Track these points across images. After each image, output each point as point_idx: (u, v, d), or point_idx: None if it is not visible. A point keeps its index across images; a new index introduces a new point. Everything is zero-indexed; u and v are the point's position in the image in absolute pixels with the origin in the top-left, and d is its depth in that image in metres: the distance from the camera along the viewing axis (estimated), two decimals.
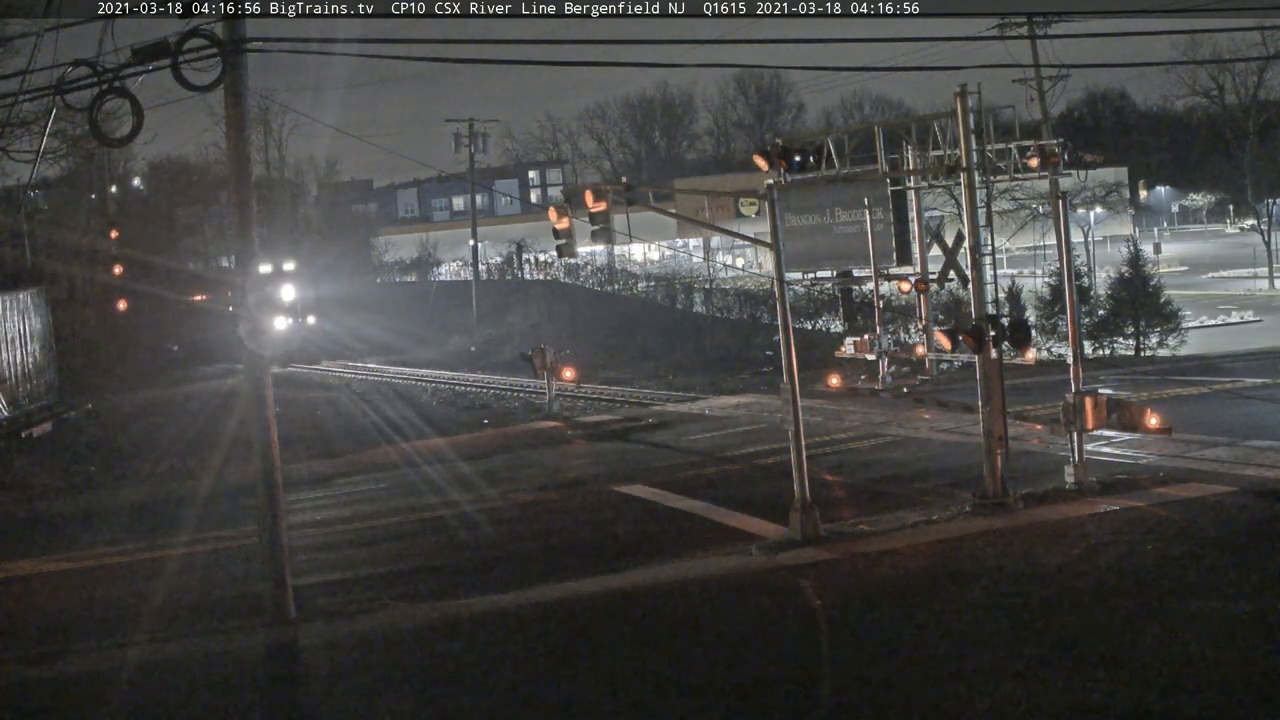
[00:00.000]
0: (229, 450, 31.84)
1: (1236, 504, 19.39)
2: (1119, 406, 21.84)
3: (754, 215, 64.30)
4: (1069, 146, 26.00)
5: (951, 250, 26.55)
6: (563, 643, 15.52)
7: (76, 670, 15.54)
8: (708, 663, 14.17)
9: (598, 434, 33.70)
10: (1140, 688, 12.40)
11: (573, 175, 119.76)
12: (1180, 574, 16.10)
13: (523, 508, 24.59)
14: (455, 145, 78.39)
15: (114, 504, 28.14)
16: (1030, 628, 14.50)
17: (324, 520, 24.70)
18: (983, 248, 21.66)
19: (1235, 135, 79.73)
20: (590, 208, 20.65)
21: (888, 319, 36.26)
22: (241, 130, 16.74)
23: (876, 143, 27.49)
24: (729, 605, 16.51)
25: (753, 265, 69.55)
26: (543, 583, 18.26)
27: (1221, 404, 30.18)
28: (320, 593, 18.28)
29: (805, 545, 18.98)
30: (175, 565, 21.51)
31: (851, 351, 32.58)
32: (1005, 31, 48.13)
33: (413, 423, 37.78)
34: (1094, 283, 53.57)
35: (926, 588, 16.48)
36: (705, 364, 49.94)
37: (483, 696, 13.71)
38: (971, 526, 19.35)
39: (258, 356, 16.97)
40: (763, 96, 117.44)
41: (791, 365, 19.76)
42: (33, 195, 59.02)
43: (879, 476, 24.33)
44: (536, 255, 79.72)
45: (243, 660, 15.61)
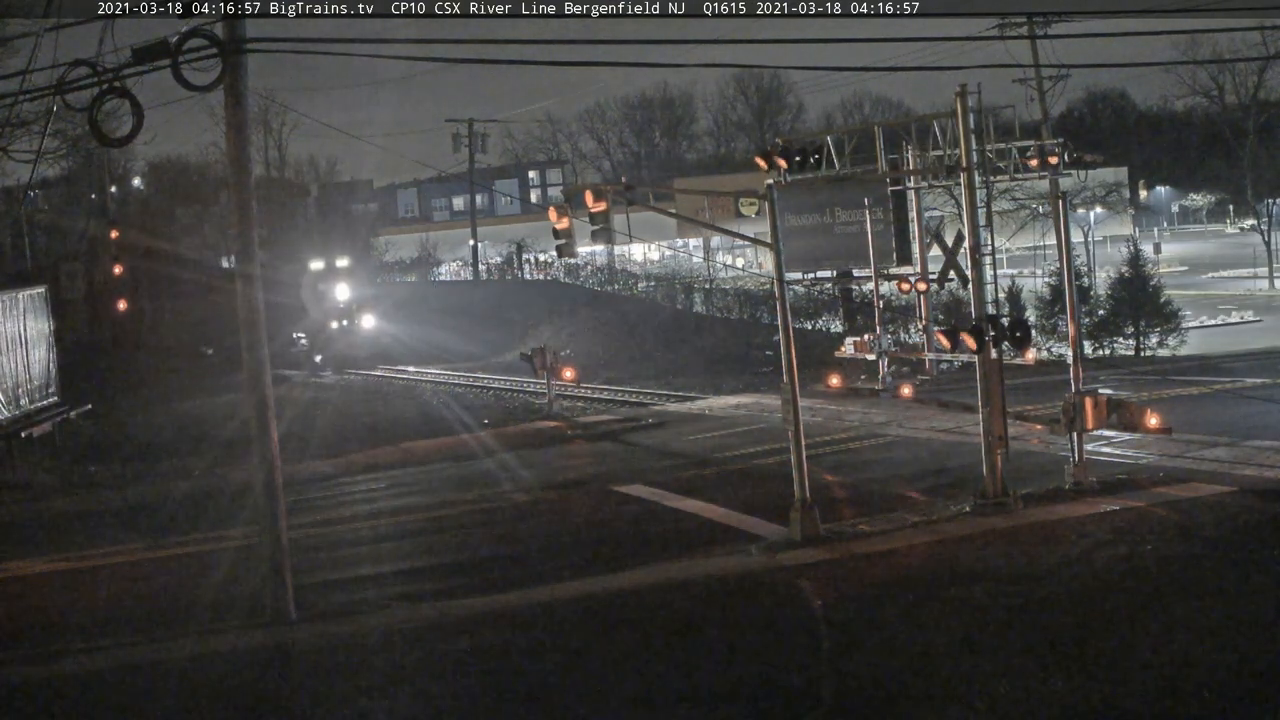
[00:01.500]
0: (228, 450, 31.86)
1: (1236, 504, 19.38)
2: (1119, 406, 21.83)
3: (754, 215, 64.36)
4: (1069, 146, 25.99)
5: (951, 250, 26.54)
6: (563, 642, 15.51)
7: (76, 670, 15.53)
8: (708, 663, 14.18)
9: (597, 434, 33.70)
10: (1140, 687, 12.41)
11: (573, 175, 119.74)
12: (1180, 574, 16.10)
13: (522, 507, 24.59)
14: (455, 145, 78.46)
15: (114, 504, 28.15)
16: (1030, 627, 14.50)
17: (326, 520, 24.69)
18: (983, 248, 21.67)
19: (1235, 135, 79.74)
20: (590, 208, 20.65)
21: (888, 319, 36.23)
22: (241, 130, 16.73)
23: (876, 143, 27.48)
24: (729, 605, 16.51)
25: (753, 265, 69.56)
26: (543, 582, 18.26)
27: (1221, 404, 30.17)
28: (316, 590, 18.25)
29: (805, 545, 18.98)
30: (175, 565, 21.52)
31: (851, 351, 32.54)
32: (1005, 31, 48.15)
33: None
34: (1094, 283, 53.60)
35: (926, 588, 16.48)
36: (705, 364, 49.93)
37: (483, 697, 13.72)
38: (971, 526, 19.35)
39: (260, 359, 16.96)
40: (763, 96, 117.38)
41: (791, 365, 19.77)
42: (32, 195, 58.94)
43: (879, 476, 24.32)
44: (536, 255, 79.73)
45: (242, 660, 15.59)
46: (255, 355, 16.97)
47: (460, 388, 49.10)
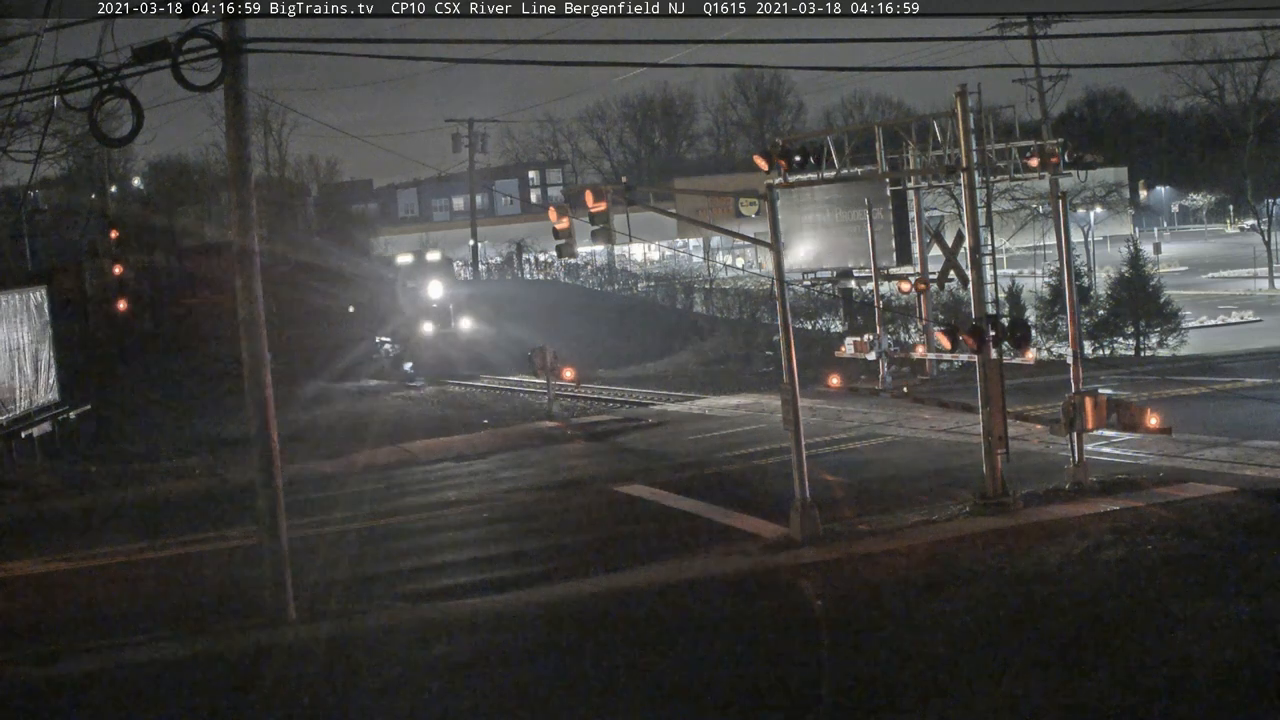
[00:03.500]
0: (228, 450, 31.85)
1: (1236, 504, 19.36)
2: (1119, 406, 21.82)
3: (754, 215, 64.33)
4: (1069, 146, 25.95)
5: (951, 250, 26.53)
6: (563, 643, 15.51)
7: (76, 670, 15.53)
8: (707, 662, 14.17)
9: (598, 433, 33.70)
10: (1140, 688, 12.41)
11: (573, 175, 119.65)
12: (1180, 574, 16.10)
13: (522, 507, 24.58)
14: (455, 145, 78.43)
15: (114, 504, 28.14)
16: (1030, 628, 14.51)
17: (327, 520, 24.68)
18: (983, 248, 21.65)
19: (1235, 135, 79.78)
20: (590, 208, 20.65)
21: (888, 319, 36.22)
22: (241, 130, 16.73)
23: (876, 143, 27.48)
24: (729, 605, 16.51)
25: (753, 265, 69.53)
26: (543, 582, 18.27)
27: (1221, 404, 30.17)
28: (323, 591, 18.25)
29: (805, 545, 18.98)
30: (175, 565, 21.52)
31: (851, 351, 32.53)
32: (1005, 31, 48.24)
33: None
34: (1094, 283, 53.64)
35: (927, 587, 16.48)
36: (705, 364, 49.91)
37: (483, 697, 13.72)
38: (971, 526, 19.35)
39: (260, 358, 16.94)
40: (763, 96, 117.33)
41: (792, 365, 19.77)
42: (33, 195, 58.88)
43: (879, 476, 24.32)
44: (536, 255, 79.69)
45: (242, 661, 15.59)
46: (255, 355, 16.94)
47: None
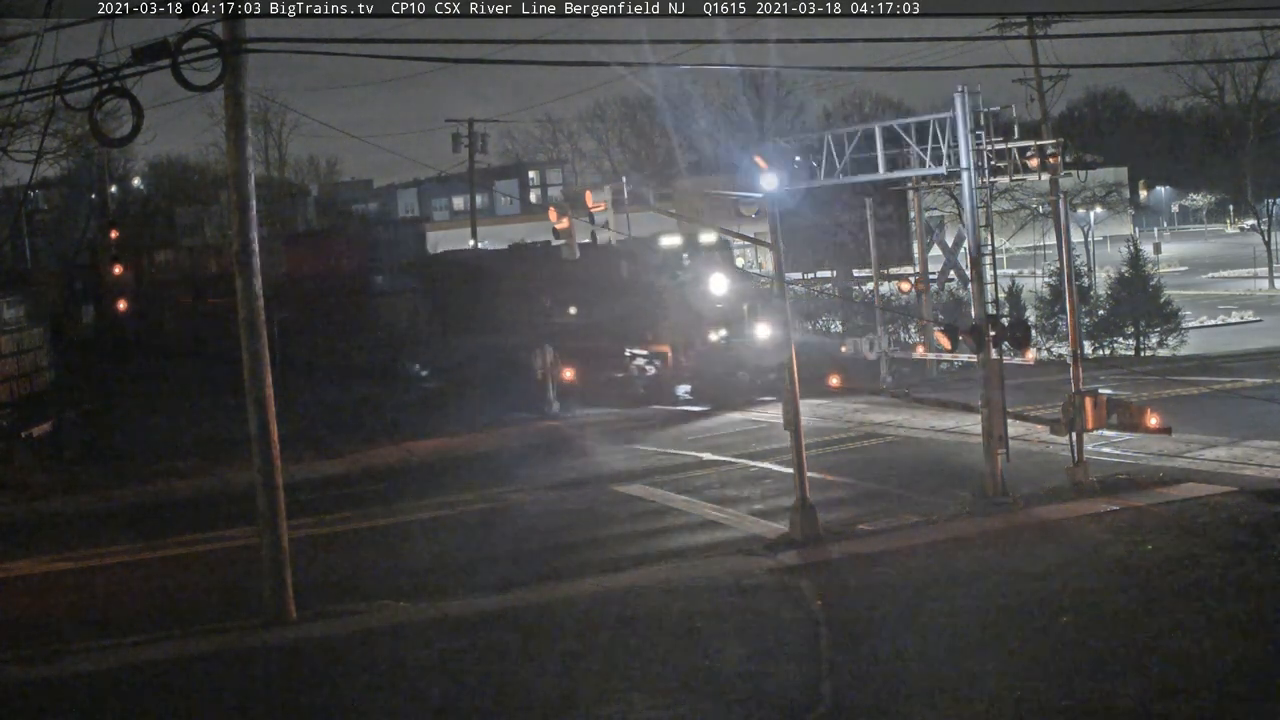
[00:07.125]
0: (227, 451, 31.75)
1: (1236, 504, 19.37)
2: (1119, 406, 21.84)
3: (754, 215, 64.27)
4: (1069, 146, 25.99)
5: (951, 250, 26.58)
6: (562, 642, 15.51)
7: (76, 670, 15.53)
8: (707, 662, 14.17)
9: (598, 433, 33.67)
10: (1140, 688, 12.41)
11: (573, 175, 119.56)
12: (1180, 574, 16.10)
13: (522, 507, 24.57)
14: (455, 145, 78.36)
15: (113, 504, 28.12)
16: (1030, 627, 14.51)
17: (326, 521, 24.67)
18: (983, 248, 21.68)
19: (1235, 135, 79.78)
20: (590, 208, 20.67)
21: (888, 319, 36.24)
22: (241, 130, 16.73)
23: (876, 143, 27.49)
24: (729, 605, 16.50)
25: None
26: (542, 582, 18.26)
27: (1221, 404, 30.14)
28: (314, 590, 18.24)
29: (805, 545, 18.98)
30: (175, 565, 21.51)
31: (851, 351, 32.58)
32: (1005, 31, 48.11)
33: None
34: (1094, 283, 53.57)
35: (926, 588, 16.48)
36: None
37: (483, 697, 13.71)
38: (971, 526, 19.35)
39: (260, 358, 16.93)
40: (763, 97, 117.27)
41: (792, 366, 19.78)
42: (33, 195, 58.85)
43: (879, 476, 24.31)
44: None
45: (242, 660, 15.60)
46: (255, 355, 16.95)
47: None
